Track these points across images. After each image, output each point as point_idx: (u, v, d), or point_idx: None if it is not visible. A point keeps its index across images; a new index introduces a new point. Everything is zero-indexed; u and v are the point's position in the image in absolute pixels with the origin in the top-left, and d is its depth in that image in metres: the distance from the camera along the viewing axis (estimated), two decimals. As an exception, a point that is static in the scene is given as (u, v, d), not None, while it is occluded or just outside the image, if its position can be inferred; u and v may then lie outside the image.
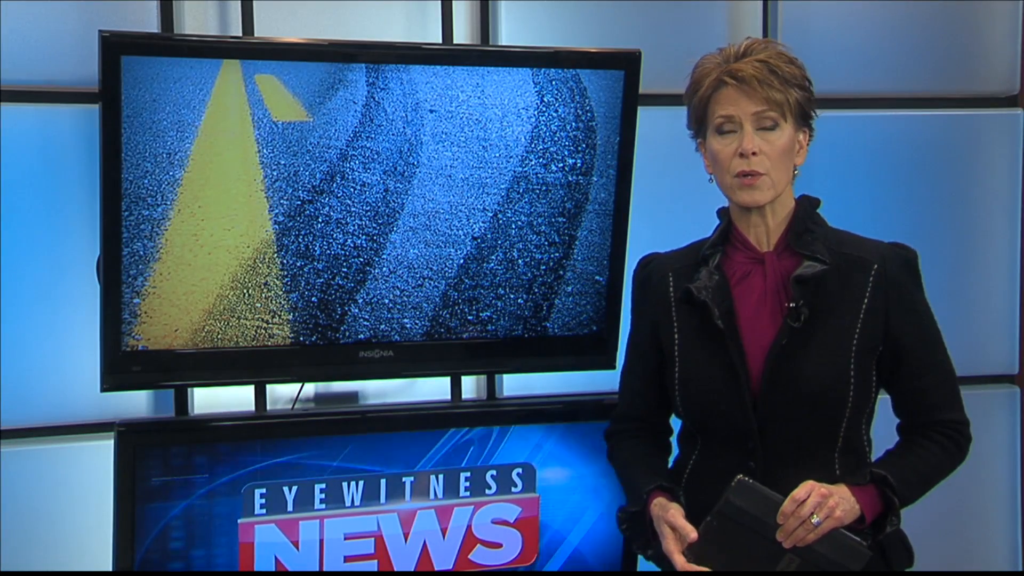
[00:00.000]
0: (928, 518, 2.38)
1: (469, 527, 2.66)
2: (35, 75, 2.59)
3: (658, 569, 2.27)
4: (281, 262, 2.50)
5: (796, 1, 3.09)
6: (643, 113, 2.69)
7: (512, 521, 2.68)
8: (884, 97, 3.21)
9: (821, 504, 2.01)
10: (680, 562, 2.06)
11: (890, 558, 2.17)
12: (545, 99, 2.60)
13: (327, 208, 2.51)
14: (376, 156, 2.53)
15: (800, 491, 2.02)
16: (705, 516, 2.06)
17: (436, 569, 2.64)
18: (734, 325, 2.13)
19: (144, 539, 2.45)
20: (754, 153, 2.08)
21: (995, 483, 3.33)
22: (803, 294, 2.10)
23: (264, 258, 2.49)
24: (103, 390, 2.46)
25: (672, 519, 2.08)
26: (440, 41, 2.81)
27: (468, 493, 2.65)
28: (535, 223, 2.65)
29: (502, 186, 2.61)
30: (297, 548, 2.55)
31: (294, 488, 2.54)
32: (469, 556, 2.66)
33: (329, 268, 2.54)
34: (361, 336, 2.59)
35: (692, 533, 2.05)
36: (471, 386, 2.95)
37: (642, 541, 2.21)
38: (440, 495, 2.63)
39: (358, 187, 2.53)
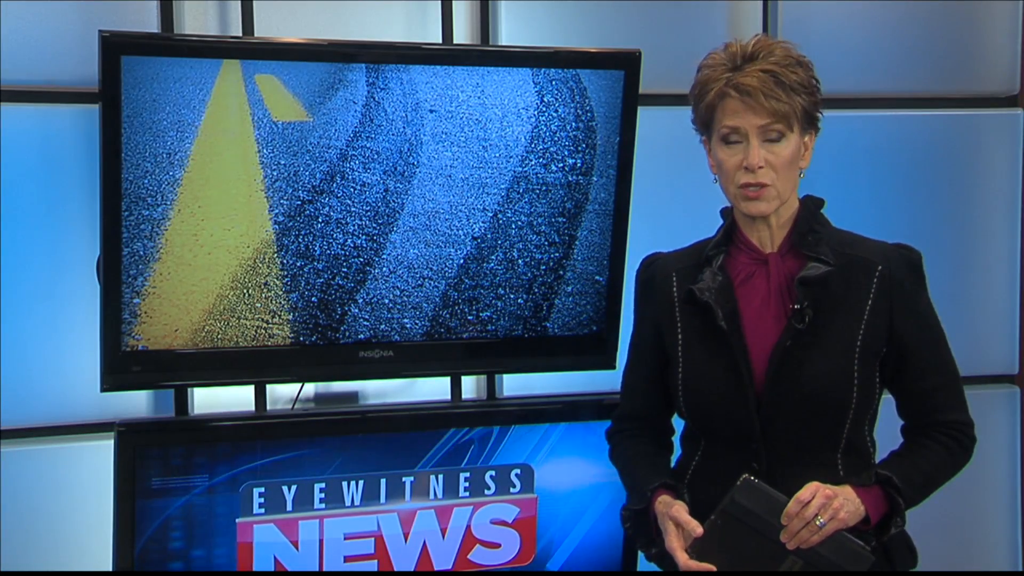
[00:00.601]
0: (928, 518, 2.38)
1: (468, 527, 2.66)
2: (35, 75, 2.59)
3: (659, 569, 2.26)
4: (281, 262, 2.50)
5: (796, 1, 3.09)
6: (643, 113, 2.69)
7: (510, 521, 2.68)
8: (884, 97, 3.21)
9: (825, 505, 2.00)
10: (683, 559, 2.05)
11: (894, 559, 2.16)
12: (545, 99, 2.60)
13: (327, 208, 2.51)
14: (376, 156, 2.53)
15: (804, 492, 2.01)
16: (708, 516, 2.06)
17: (436, 569, 2.64)
18: (738, 326, 2.12)
19: (143, 539, 2.45)
20: (760, 167, 2.08)
21: (995, 483, 3.33)
22: (807, 295, 2.10)
23: (264, 258, 2.49)
24: (103, 390, 2.46)
25: (677, 515, 2.08)
26: (440, 41, 2.81)
27: (467, 493, 2.65)
28: (535, 223, 2.65)
29: (502, 186, 2.61)
30: (297, 548, 2.55)
31: (293, 487, 2.54)
32: (468, 556, 2.66)
33: (329, 268, 2.54)
34: (361, 336, 2.59)
35: (698, 528, 2.04)
36: (471, 386, 2.95)
37: (645, 540, 2.21)
38: (440, 495, 2.63)
39: (358, 187, 2.53)
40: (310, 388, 2.76)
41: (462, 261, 2.62)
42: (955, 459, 2.16)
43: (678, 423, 2.30)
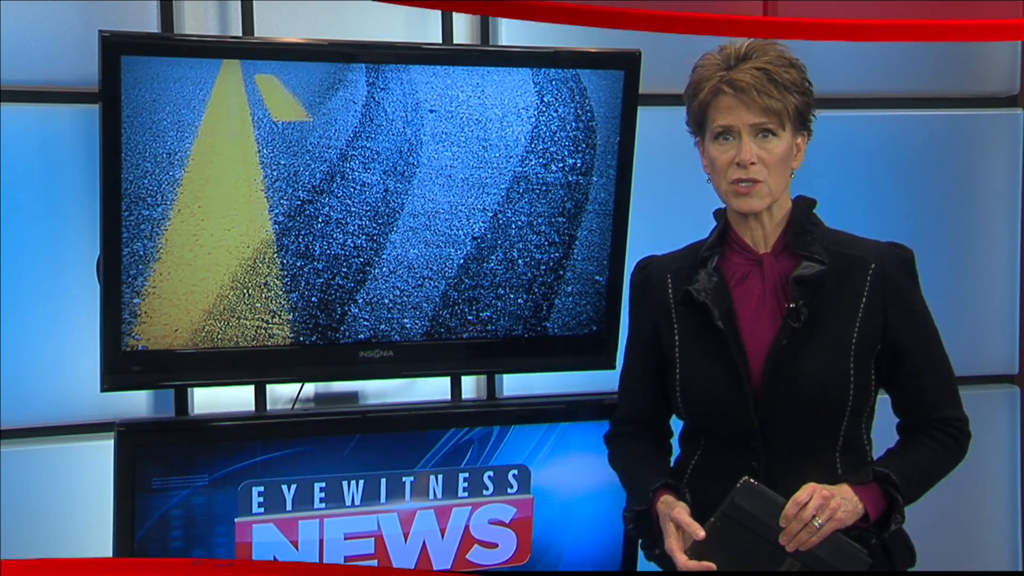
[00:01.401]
0: (928, 518, 2.38)
1: (467, 527, 2.66)
2: (35, 75, 2.59)
3: (659, 569, 2.27)
4: (281, 262, 2.50)
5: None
6: (643, 113, 2.69)
7: (508, 521, 2.69)
8: (884, 97, 3.21)
9: (823, 506, 2.01)
10: (682, 560, 2.06)
11: (893, 558, 2.17)
12: (545, 99, 2.60)
13: (327, 208, 2.51)
14: (376, 156, 2.53)
15: (802, 494, 2.02)
16: (708, 516, 2.06)
17: (435, 569, 2.64)
18: (734, 326, 2.13)
19: (143, 539, 2.45)
20: (752, 163, 2.08)
21: (995, 483, 3.33)
22: (802, 294, 2.11)
23: (264, 258, 2.49)
24: (103, 390, 2.46)
25: (678, 516, 2.08)
26: (440, 41, 2.81)
27: (466, 494, 2.65)
28: (535, 223, 2.65)
29: (502, 186, 2.61)
30: (296, 548, 2.55)
31: (293, 487, 2.54)
32: (467, 556, 2.66)
33: (329, 268, 2.54)
34: (361, 336, 2.59)
35: (700, 531, 2.05)
36: (471, 386, 2.95)
37: (649, 540, 2.21)
38: (439, 495, 2.64)
39: (358, 187, 2.53)
40: (310, 388, 2.76)
41: (462, 261, 2.62)
42: (951, 455, 2.17)
43: (676, 425, 2.30)
